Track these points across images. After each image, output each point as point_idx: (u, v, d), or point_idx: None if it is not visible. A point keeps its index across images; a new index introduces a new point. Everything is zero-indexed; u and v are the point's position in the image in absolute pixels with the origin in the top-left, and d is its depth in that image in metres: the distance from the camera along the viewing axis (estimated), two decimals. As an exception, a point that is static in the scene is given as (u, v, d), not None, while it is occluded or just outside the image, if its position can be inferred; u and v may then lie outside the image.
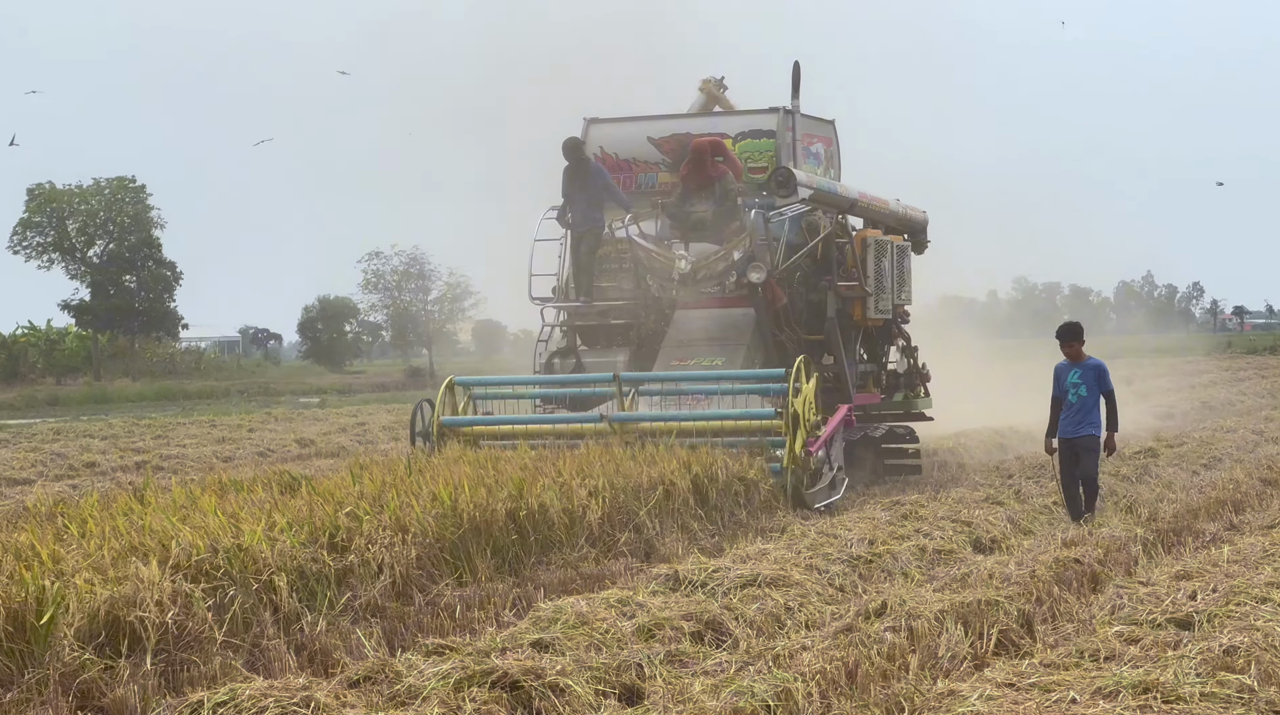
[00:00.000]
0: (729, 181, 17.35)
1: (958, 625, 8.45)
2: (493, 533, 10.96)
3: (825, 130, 19.26)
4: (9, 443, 26.37)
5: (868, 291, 18.00)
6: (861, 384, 18.29)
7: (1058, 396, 13.26)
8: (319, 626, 8.92)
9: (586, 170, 17.89)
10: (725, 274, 17.07)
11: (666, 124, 18.77)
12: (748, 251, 16.91)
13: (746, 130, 18.28)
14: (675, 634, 8.51)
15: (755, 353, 16.98)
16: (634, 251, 17.55)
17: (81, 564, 8.50)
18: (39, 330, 72.65)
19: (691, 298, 17.27)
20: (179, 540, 9.04)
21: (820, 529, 12.17)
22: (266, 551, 9.19)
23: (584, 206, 17.87)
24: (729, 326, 17.22)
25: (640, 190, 18.45)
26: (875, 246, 18.21)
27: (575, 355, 17.73)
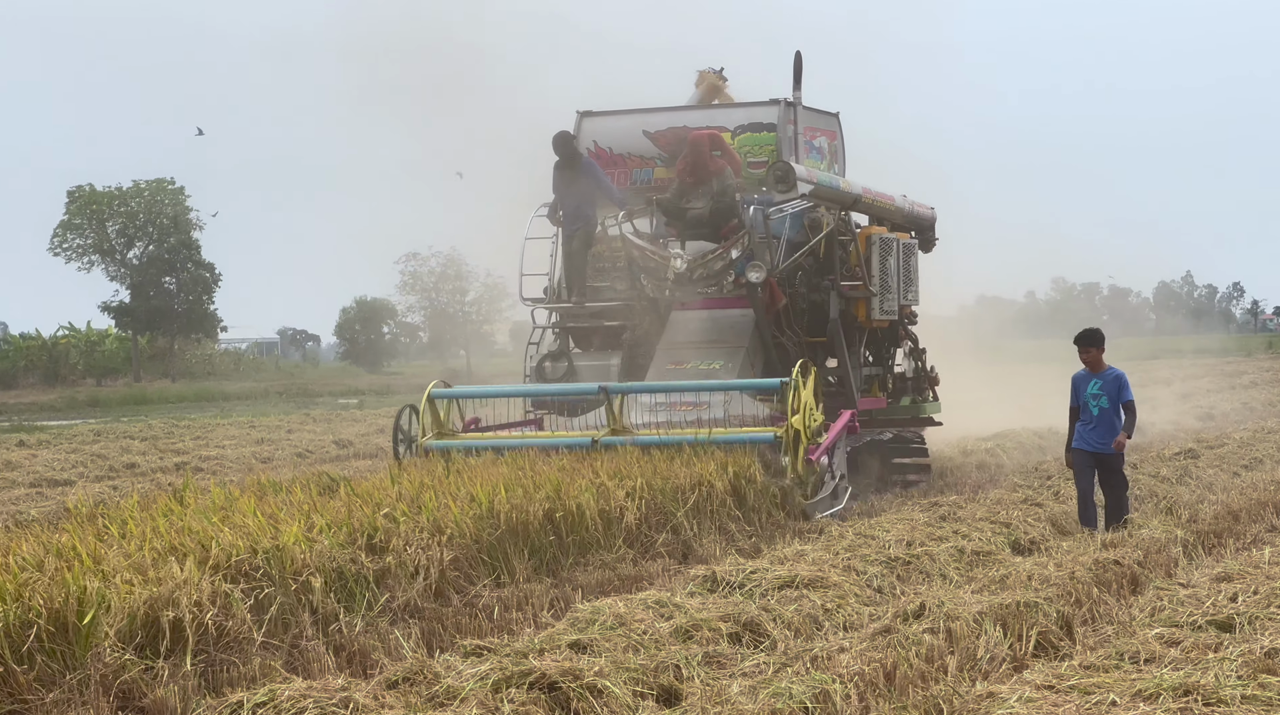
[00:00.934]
0: (727, 177, 16.61)
1: (996, 627, 8.41)
2: (530, 534, 10.97)
3: (829, 123, 18.61)
4: (50, 444, 26.54)
5: (872, 291, 17.32)
6: (866, 388, 17.68)
7: (1075, 407, 12.77)
8: (357, 627, 8.95)
9: (577, 165, 17.24)
10: (723, 273, 16.33)
11: (662, 117, 18.04)
12: (746, 250, 16.21)
13: (746, 123, 17.61)
14: (713, 635, 8.50)
15: (755, 356, 16.38)
16: (628, 250, 16.81)
17: (122, 564, 8.54)
18: (79, 332, 73.14)
19: (688, 298, 16.64)
20: (218, 541, 9.08)
21: (858, 530, 12.14)
22: (305, 552, 9.23)
23: (575, 203, 17.23)
24: (727, 328, 16.62)
25: (635, 186, 17.77)
26: (880, 244, 17.52)
27: (567, 358, 17.10)
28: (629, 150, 17.97)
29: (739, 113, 17.82)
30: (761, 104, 17.72)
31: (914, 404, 18.92)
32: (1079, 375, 12.76)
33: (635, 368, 16.56)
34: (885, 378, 18.39)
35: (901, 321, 18.42)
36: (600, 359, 17.03)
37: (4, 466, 21.93)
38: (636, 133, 17.93)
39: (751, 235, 16.22)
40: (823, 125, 18.37)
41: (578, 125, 18.03)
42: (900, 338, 18.70)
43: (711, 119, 17.69)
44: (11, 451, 24.59)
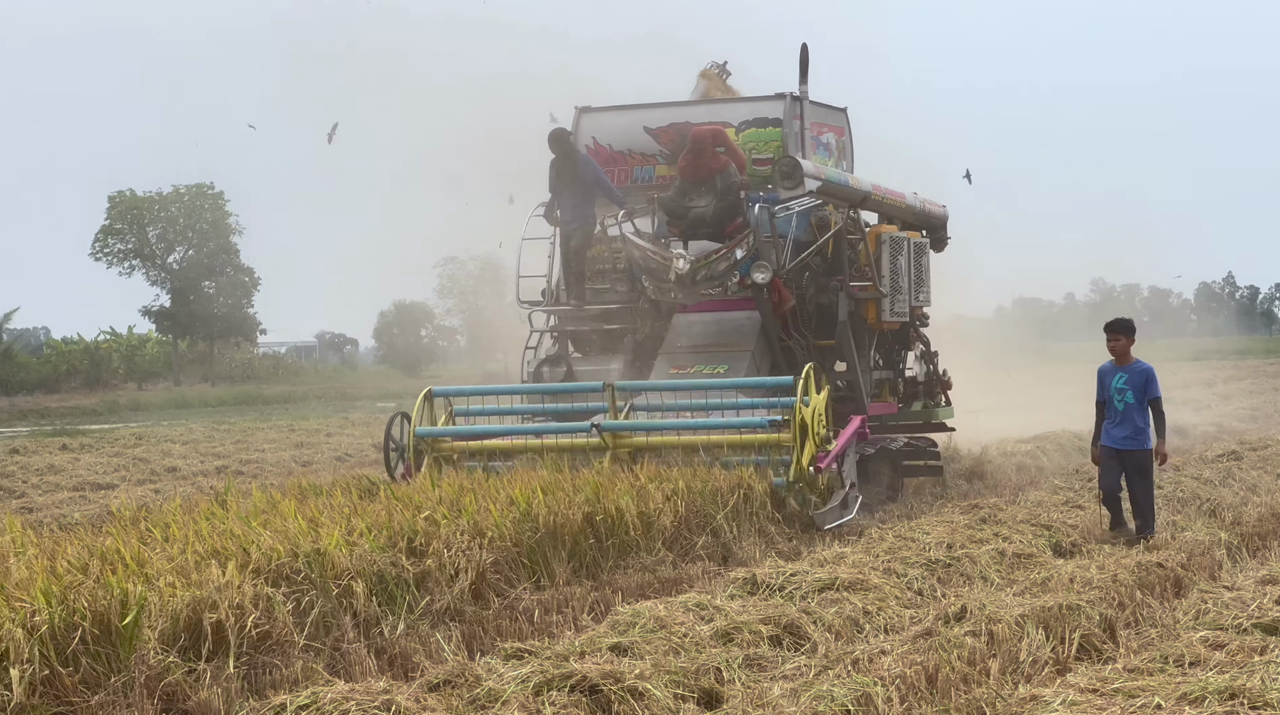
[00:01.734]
0: (731, 174, 15.89)
1: (1039, 630, 8.37)
2: (569, 537, 10.98)
3: (837, 119, 17.96)
4: (93, 448, 26.72)
5: (882, 292, 16.79)
6: (876, 393, 17.13)
7: (1102, 401, 12.34)
8: (398, 630, 8.98)
9: (575, 163, 16.62)
10: (727, 274, 15.61)
11: (664, 113, 17.34)
12: (751, 250, 15.57)
13: (750, 119, 16.93)
14: (753, 638, 8.49)
15: (761, 359, 15.77)
16: (628, 251, 16.13)
17: (165, 567, 8.59)
18: (120, 336, 73.64)
19: (691, 300, 15.98)
20: (259, 544, 9.13)
21: (898, 532, 12.10)
22: (346, 556, 9.26)
23: (573, 202, 16.63)
24: (732, 331, 15.97)
25: (636, 184, 17.10)
26: (890, 244, 17.00)
27: (566, 363, 16.44)
28: (629, 147, 17.36)
29: (743, 107, 17.16)
30: (766, 98, 17.10)
31: (926, 409, 18.42)
32: (1105, 367, 12.38)
33: (637, 373, 16.06)
34: (896, 382, 17.86)
35: (913, 323, 17.95)
36: (600, 364, 16.40)
37: (48, 470, 22.09)
38: (637, 129, 17.32)
39: (757, 234, 15.63)
40: (830, 121, 17.79)
41: (576, 121, 17.42)
42: (911, 340, 18.17)
43: (715, 114, 17.05)
44: (55, 455, 24.77)
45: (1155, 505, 12.49)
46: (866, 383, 16.55)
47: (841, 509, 13.74)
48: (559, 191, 16.71)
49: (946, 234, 19.14)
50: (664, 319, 16.36)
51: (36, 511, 17.10)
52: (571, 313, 16.78)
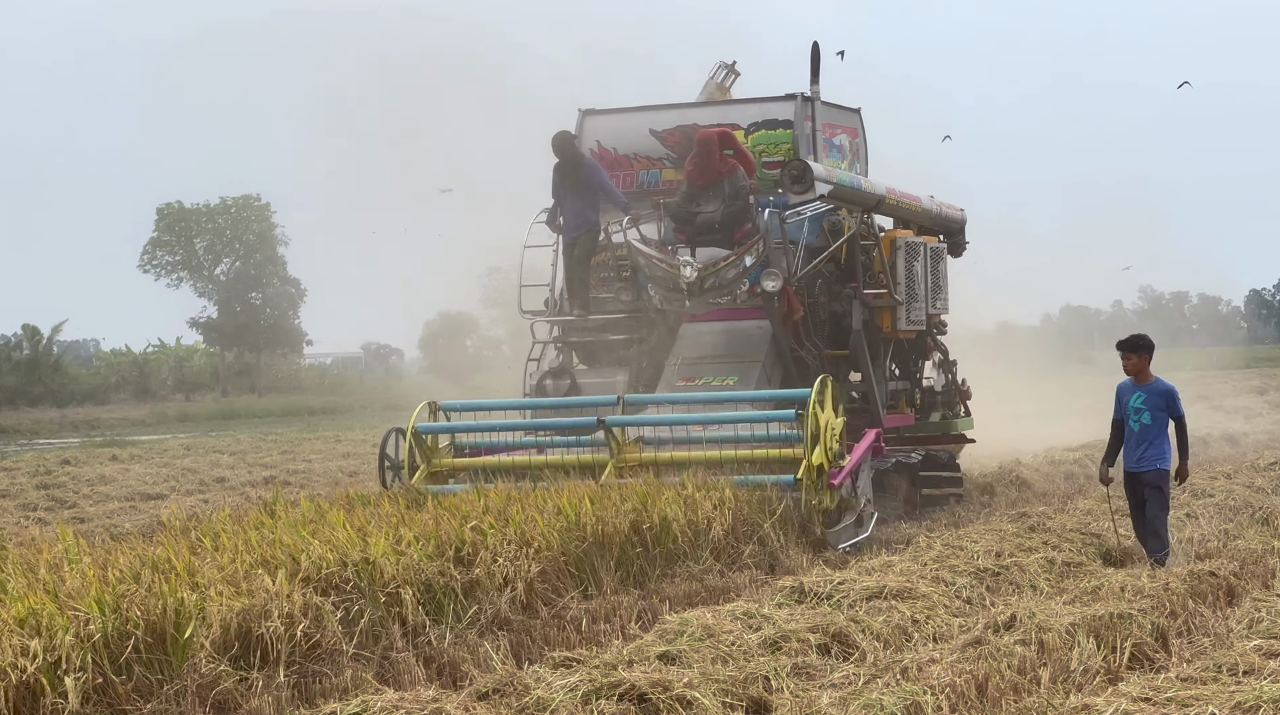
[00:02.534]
0: (739, 178, 15.29)
1: (1089, 639, 8.32)
2: (617, 546, 10.98)
3: (850, 120, 17.28)
4: (142, 458, 26.92)
5: (898, 300, 16.16)
6: (893, 404, 16.54)
7: (1118, 419, 11.64)
8: (446, 639, 9.00)
9: (579, 167, 16.03)
10: (736, 282, 15.00)
11: (670, 114, 16.70)
12: (761, 256, 14.95)
13: (760, 120, 16.27)
14: (801, 646, 8.47)
15: (772, 370, 15.15)
16: (633, 258, 15.52)
17: (215, 577, 8.65)
18: (168, 347, 74.16)
19: (699, 309, 15.35)
20: (308, 554, 9.17)
21: (946, 541, 12.05)
22: (394, 565, 9.29)
23: (577, 208, 16.04)
24: (742, 341, 15.38)
25: (642, 189, 16.50)
26: (906, 249, 16.37)
27: (570, 375, 15.85)
28: (634, 151, 16.72)
29: (752, 109, 16.49)
30: (776, 99, 16.41)
31: (944, 420, 17.81)
32: (1124, 385, 11.67)
33: (643, 385, 15.51)
34: (913, 392, 17.29)
35: (930, 332, 17.35)
36: (605, 376, 15.83)
37: (98, 480, 22.26)
38: (643, 132, 16.69)
39: (766, 240, 15.02)
40: (843, 122, 17.13)
41: (579, 124, 16.80)
42: (929, 349, 17.60)
43: (723, 116, 16.41)
44: (105, 466, 24.96)
45: (1170, 524, 11.81)
46: (882, 394, 16.01)
47: (856, 527, 13.25)
48: (562, 197, 16.18)
49: (965, 239, 18.56)
50: (671, 329, 15.85)
51: (88, 522, 17.24)
52: (574, 323, 16.25)
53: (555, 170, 16.16)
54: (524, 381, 16.15)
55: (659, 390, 15.05)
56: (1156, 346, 11.94)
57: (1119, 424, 11.65)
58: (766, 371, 15.12)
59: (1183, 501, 14.50)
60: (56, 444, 36.50)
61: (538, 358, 16.31)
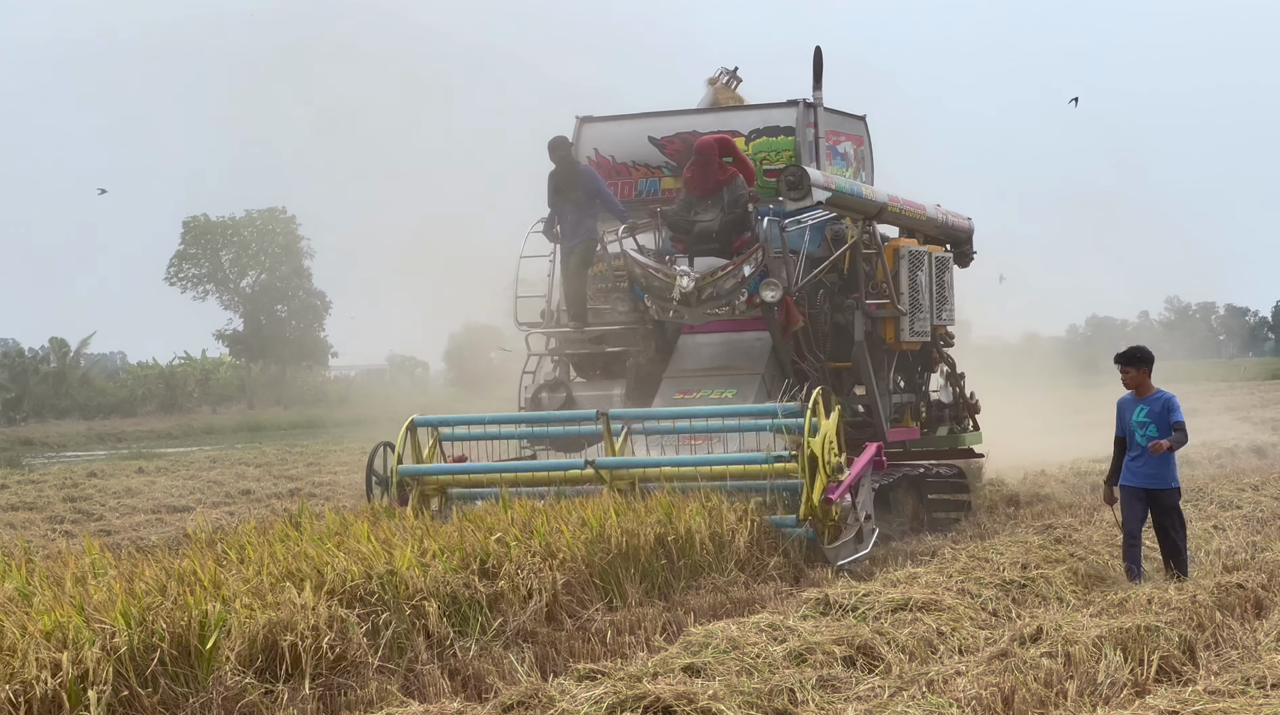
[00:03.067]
0: (739, 186, 14.92)
1: (1116, 651, 8.28)
2: (641, 558, 10.98)
3: (855, 127, 16.90)
4: (168, 471, 27.01)
5: (901, 310, 15.76)
6: (897, 417, 16.19)
7: (1121, 436, 11.30)
8: (471, 651, 9.01)
9: (576, 175, 15.66)
10: (734, 292, 14.61)
11: (670, 121, 16.32)
12: (760, 266, 14.57)
13: (761, 127, 15.92)
14: (827, 659, 8.45)
15: (772, 383, 14.79)
16: (629, 268, 15.11)
17: (241, 589, 8.67)
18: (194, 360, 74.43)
19: (696, 320, 14.99)
20: (334, 566, 9.19)
21: (971, 552, 12.02)
22: (419, 577, 9.30)
23: (574, 216, 15.64)
24: (741, 353, 15.07)
25: (640, 198, 16.13)
26: (910, 258, 15.99)
27: (566, 388, 15.46)
28: (633, 159, 16.34)
29: (753, 115, 16.17)
30: (778, 105, 16.07)
31: (952, 434, 17.49)
32: (1124, 400, 11.33)
33: (640, 398, 15.11)
34: (918, 405, 16.90)
35: (936, 343, 16.98)
36: (602, 389, 15.49)
37: (125, 493, 22.34)
38: (641, 139, 16.32)
39: (766, 250, 14.64)
40: (848, 129, 16.76)
41: (577, 131, 16.45)
42: (934, 361, 17.26)
43: (724, 123, 16.08)
44: (131, 478, 25.05)
45: (1188, 541, 11.64)
46: (886, 407, 15.67)
47: (856, 543, 12.94)
48: (558, 205, 15.80)
49: (972, 249, 18.17)
50: (669, 340, 15.56)
51: (114, 534, 17.30)
52: (571, 334, 15.83)
53: (551, 178, 15.79)
54: (519, 394, 15.79)
55: (655, 403, 14.71)
56: (1184, 358, 11.89)
57: (1121, 442, 11.32)
58: (766, 384, 14.77)
59: (1209, 513, 14.44)
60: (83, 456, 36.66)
61: (533, 370, 15.93)
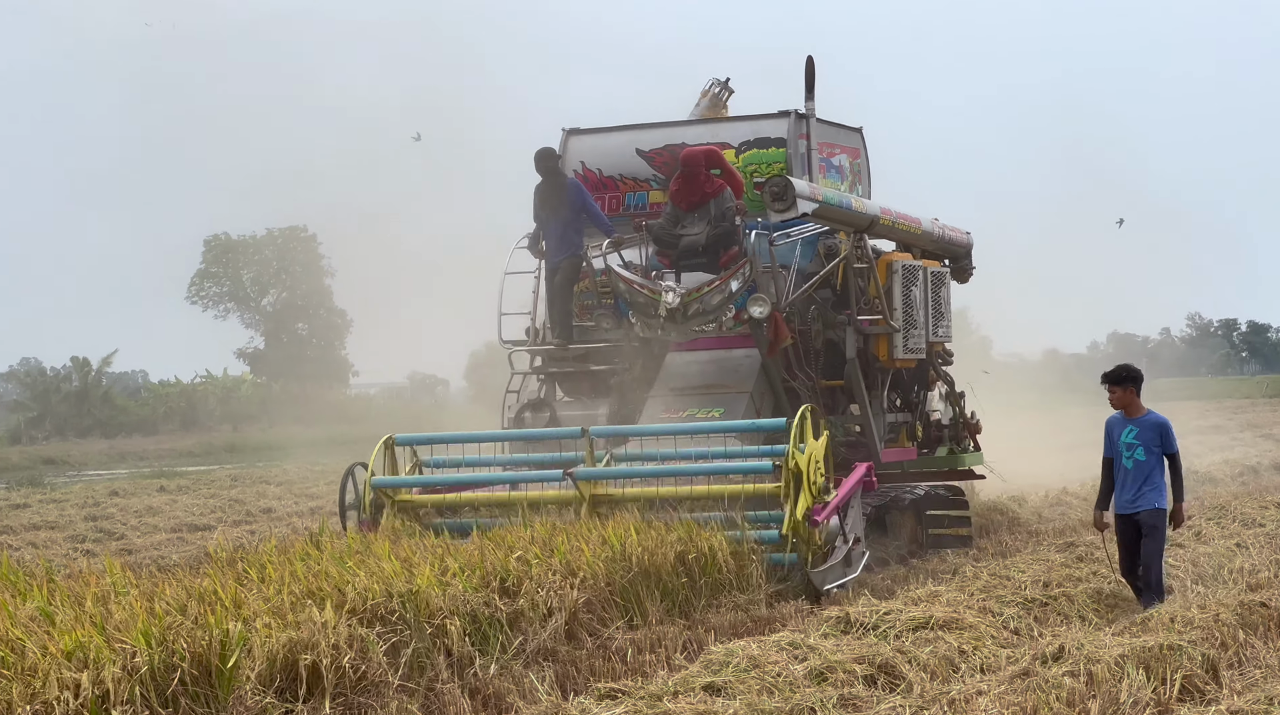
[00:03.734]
0: (726, 198, 14.57)
1: (1139, 670, 8.24)
2: (662, 576, 10.97)
3: (851, 139, 16.54)
4: (190, 489, 27.06)
5: (894, 327, 15.21)
6: (892, 437, 15.63)
7: (1109, 458, 10.92)
8: (491, 670, 9.00)
9: (562, 188, 15.33)
10: (721, 308, 14.19)
11: (658, 133, 15.96)
12: (747, 281, 14.15)
13: (752, 139, 15.57)
14: (848, 677, 8.43)
15: (762, 401, 14.40)
16: (613, 284, 14.66)
17: (262, 608, 8.67)
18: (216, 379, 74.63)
19: (682, 337, 14.60)
20: (354, 585, 9.19)
21: (992, 570, 11.98)
22: (439, 596, 9.30)
23: (559, 231, 15.30)
24: (730, 371, 14.63)
25: (629, 212, 15.76)
26: (904, 273, 15.47)
27: (550, 408, 15.15)
28: (621, 172, 15.99)
29: (744, 127, 15.81)
30: (769, 116, 15.73)
31: (951, 455, 16.86)
32: (1113, 420, 10.93)
33: (624, 418, 14.68)
34: (914, 425, 16.23)
35: (932, 361, 16.41)
36: (589, 408, 15.14)
37: (146, 511, 22.39)
38: (629, 151, 15.98)
39: (754, 264, 14.20)
40: (843, 141, 16.39)
41: (564, 144, 16.10)
42: (931, 380, 16.67)
43: (714, 134, 15.73)
44: (153, 497, 25.10)
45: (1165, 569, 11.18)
46: (880, 426, 15.17)
47: (844, 567, 12.53)
48: (544, 219, 15.47)
49: (971, 263, 17.61)
50: (656, 358, 15.08)
51: (135, 553, 17.33)
52: (555, 353, 15.49)
53: (536, 191, 15.49)
54: (502, 414, 15.48)
55: (641, 421, 14.27)
56: (1207, 373, 11.82)
57: (1110, 463, 10.92)
58: (755, 402, 14.36)
59: (1232, 531, 14.37)
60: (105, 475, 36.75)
61: (517, 389, 15.59)
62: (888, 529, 14.94)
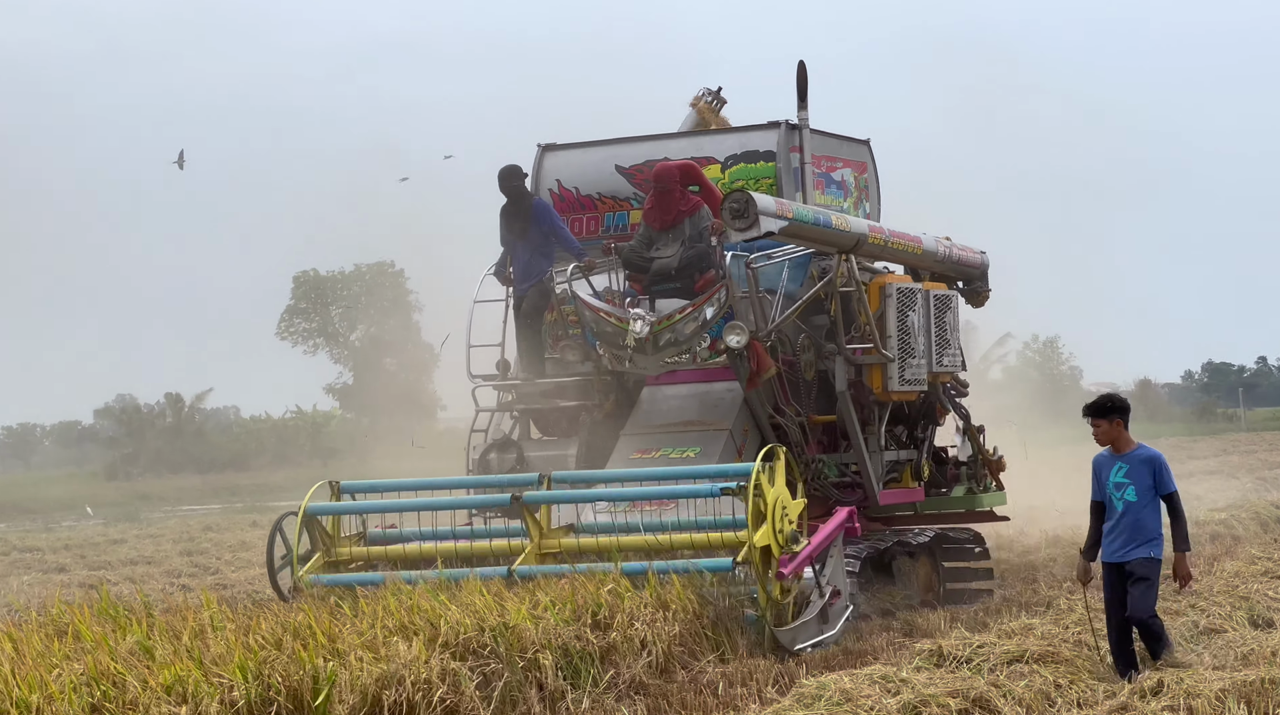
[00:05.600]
0: (703, 217, 13.26)
1: (1240, 705, 8.11)
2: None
3: (856, 152, 15.30)
4: (282, 524, 27.26)
5: (887, 356, 13.71)
6: (894, 477, 14.17)
7: (1098, 501, 9.50)
8: (584, 704, 9.01)
9: (528, 208, 14.23)
10: (695, 338, 13.05)
11: (639, 148, 14.76)
12: (723, 307, 13.01)
13: (739, 152, 14.42)
14: (941, 712, 8.35)
15: (747, 439, 13.20)
16: (580, 312, 13.56)
17: (355, 643, 8.74)
18: (306, 413, 75.34)
19: (653, 369, 13.45)
20: (447, 619, 9.24)
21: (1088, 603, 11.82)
22: (531, 630, 9.33)
23: (526, 256, 14.23)
24: (710, 406, 13.48)
25: (609, 235, 14.52)
26: (899, 297, 13.99)
27: (517, 448, 13.98)
28: (599, 190, 14.83)
29: (731, 140, 14.68)
30: (758, 128, 14.60)
31: (970, 495, 15.29)
32: (1100, 458, 9.53)
33: (596, 459, 13.55)
34: (920, 463, 14.58)
35: (940, 393, 14.88)
36: (558, 448, 13.92)
37: (239, 546, 22.62)
38: (608, 168, 14.80)
39: (730, 288, 13.06)
40: (847, 154, 15.12)
41: (538, 161, 15.01)
42: (939, 413, 15.06)
43: (698, 149, 14.57)
44: (246, 531, 25.36)
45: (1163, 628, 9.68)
46: (876, 465, 13.75)
47: (820, 624, 11.14)
48: (510, 243, 14.41)
49: (986, 286, 15.86)
50: (630, 393, 13.99)
51: (230, 587, 17.51)
52: (522, 387, 14.33)
53: (502, 213, 14.42)
54: (466, 455, 14.33)
55: (610, 463, 13.20)
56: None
57: (1099, 507, 9.48)
58: (736, 441, 13.18)
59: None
60: (199, 510, 37.19)
61: (485, 428, 14.42)
62: (895, 577, 13.68)
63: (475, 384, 14.64)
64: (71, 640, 8.96)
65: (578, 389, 14.10)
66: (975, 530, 14.96)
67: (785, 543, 11.05)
